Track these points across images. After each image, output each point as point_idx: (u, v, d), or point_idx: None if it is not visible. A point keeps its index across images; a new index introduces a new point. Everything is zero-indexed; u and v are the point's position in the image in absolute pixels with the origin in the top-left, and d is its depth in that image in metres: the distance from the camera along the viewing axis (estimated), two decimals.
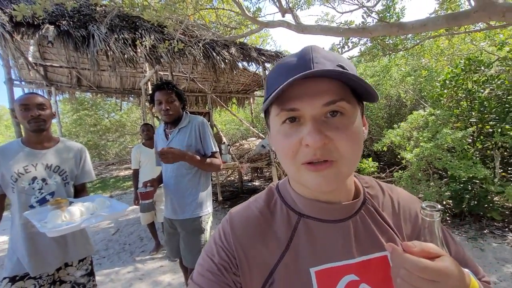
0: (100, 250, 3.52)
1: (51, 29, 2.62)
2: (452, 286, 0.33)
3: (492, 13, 1.78)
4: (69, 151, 1.42)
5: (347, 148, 0.39)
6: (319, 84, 0.39)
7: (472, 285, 0.37)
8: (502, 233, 3.07)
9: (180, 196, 1.61)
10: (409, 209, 0.51)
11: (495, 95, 3.70)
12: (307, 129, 0.38)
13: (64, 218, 1.14)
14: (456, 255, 0.49)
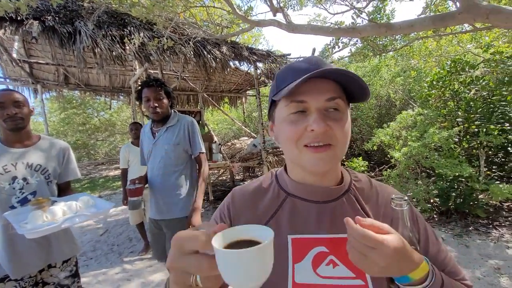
0: (88, 251, 3.45)
1: (35, 24, 2.54)
2: (393, 257, 0.39)
3: (476, 15, 1.82)
4: (51, 149, 1.38)
5: (342, 135, 0.49)
6: (323, 83, 0.49)
7: (422, 266, 0.43)
8: (486, 229, 3.15)
9: (166, 196, 1.59)
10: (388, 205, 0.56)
11: (480, 96, 3.80)
12: (312, 118, 0.47)
13: (45, 219, 1.11)
14: (437, 253, 0.53)
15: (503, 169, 3.79)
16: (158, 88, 1.60)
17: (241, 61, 4.28)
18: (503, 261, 2.48)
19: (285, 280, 0.49)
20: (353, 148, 7.68)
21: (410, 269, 0.42)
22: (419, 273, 0.43)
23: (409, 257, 0.42)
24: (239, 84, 7.34)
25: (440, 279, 0.46)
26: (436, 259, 0.52)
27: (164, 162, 1.59)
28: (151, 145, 1.66)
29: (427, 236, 0.55)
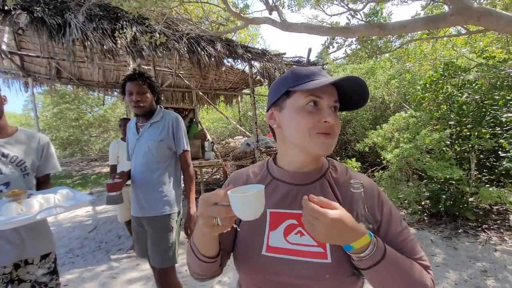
0: (75, 248, 3.39)
1: (23, 15, 2.48)
2: (331, 226, 0.49)
3: (468, 17, 1.82)
4: (29, 140, 1.33)
5: (338, 130, 0.62)
6: (332, 89, 0.62)
7: (364, 238, 0.51)
8: (475, 232, 3.17)
9: (149, 192, 1.55)
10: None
11: (472, 100, 3.83)
12: (327, 112, 0.59)
13: (20, 211, 1.07)
14: (397, 234, 0.61)
15: (493, 172, 3.82)
16: (141, 82, 1.56)
17: (236, 59, 4.25)
18: (490, 263, 2.50)
19: (261, 243, 0.62)
20: (347, 150, 7.70)
21: (352, 239, 0.51)
22: (361, 243, 0.51)
23: (351, 229, 0.51)
24: (235, 83, 7.31)
25: (382, 251, 0.53)
26: (396, 238, 0.60)
27: (147, 158, 1.56)
28: (135, 141, 1.62)
29: (390, 218, 0.62)
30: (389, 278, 0.54)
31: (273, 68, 4.67)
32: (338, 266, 0.57)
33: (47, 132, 11.18)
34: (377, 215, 0.62)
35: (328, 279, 0.56)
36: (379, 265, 0.52)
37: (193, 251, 0.64)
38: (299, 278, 0.58)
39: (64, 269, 2.85)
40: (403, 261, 0.56)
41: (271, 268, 0.60)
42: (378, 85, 7.04)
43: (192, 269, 0.68)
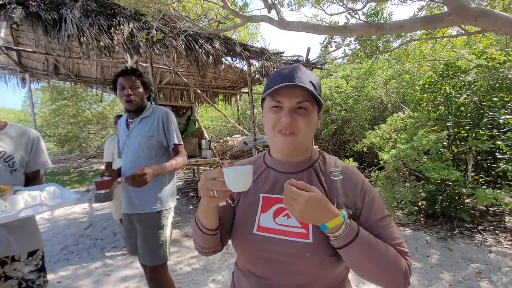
0: (70, 245, 3.38)
1: (18, 9, 2.46)
2: (305, 206, 0.56)
3: (465, 17, 1.81)
4: (19, 136, 1.32)
5: (303, 126, 0.67)
6: (295, 90, 0.66)
7: (337, 219, 0.58)
8: (471, 233, 3.17)
9: (138, 189, 1.54)
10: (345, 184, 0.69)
11: (471, 101, 3.82)
12: (285, 113, 0.66)
13: (4, 208, 1.06)
14: (377, 220, 0.66)
15: (491, 174, 3.81)
16: (134, 77, 1.55)
17: (234, 57, 4.23)
18: (484, 265, 2.49)
19: (253, 223, 0.71)
20: (345, 150, 7.70)
21: (326, 219, 0.58)
22: (334, 223, 0.58)
23: (324, 209, 0.58)
24: (234, 82, 7.29)
25: (355, 231, 0.59)
26: (376, 224, 0.66)
27: (137, 154, 1.54)
28: (125, 137, 1.61)
29: (371, 206, 0.67)
30: (362, 258, 0.60)
31: (272, 67, 4.66)
32: (318, 246, 0.63)
33: (45, 129, 11.15)
34: (358, 202, 0.68)
35: (309, 257, 0.63)
36: (352, 244, 0.58)
37: (197, 224, 0.72)
38: (283, 255, 0.66)
39: (58, 266, 2.84)
40: (377, 244, 0.61)
41: (260, 245, 0.68)
42: (377, 86, 7.02)
43: (196, 243, 0.78)
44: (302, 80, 0.65)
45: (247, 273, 0.73)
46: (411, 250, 2.89)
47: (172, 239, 3.44)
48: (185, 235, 3.61)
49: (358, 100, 7.09)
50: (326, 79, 8.72)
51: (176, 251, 3.13)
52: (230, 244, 2.04)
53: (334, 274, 0.67)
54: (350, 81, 7.79)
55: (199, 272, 2.65)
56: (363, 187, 0.70)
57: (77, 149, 12.90)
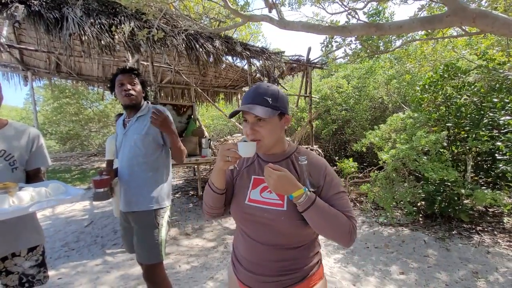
0: (70, 242, 3.41)
1: (20, 8, 2.48)
2: (276, 180, 0.80)
3: (463, 18, 1.81)
4: (19, 134, 1.34)
5: (265, 133, 0.89)
6: (254, 108, 0.87)
7: (299, 190, 0.81)
8: (469, 234, 3.17)
9: (135, 187, 1.54)
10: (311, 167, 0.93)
11: (471, 102, 3.82)
12: (248, 126, 0.89)
13: (12, 203, 1.08)
14: (333, 195, 0.89)
15: (490, 175, 3.81)
16: (133, 75, 1.58)
17: (235, 56, 4.24)
18: (481, 265, 2.50)
19: (245, 196, 0.96)
20: (346, 150, 7.70)
21: (292, 190, 0.81)
22: (297, 193, 0.81)
23: (291, 183, 0.81)
24: (234, 81, 7.30)
25: (312, 200, 0.82)
26: (332, 197, 0.88)
27: (133, 152, 1.55)
28: (122, 136, 1.62)
29: (330, 185, 0.90)
30: (318, 218, 0.83)
31: (273, 66, 4.67)
32: (290, 212, 0.87)
33: (47, 126, 11.19)
34: (320, 181, 0.90)
35: (283, 220, 0.87)
36: (310, 209, 0.82)
37: (209, 186, 0.95)
38: (266, 219, 0.89)
39: (59, 262, 2.87)
40: (329, 209, 0.84)
41: (249, 211, 0.93)
42: (377, 85, 7.01)
43: (206, 203, 1.00)
44: (259, 100, 0.88)
45: (242, 232, 0.98)
46: (408, 250, 2.91)
47: (171, 238, 3.47)
48: (184, 233, 3.63)
49: (359, 100, 7.08)
50: (327, 79, 8.71)
51: (175, 249, 3.15)
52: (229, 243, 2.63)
53: (304, 234, 0.91)
54: (351, 81, 7.78)
55: (198, 270, 2.67)
56: (325, 171, 0.93)
57: (78, 147, 12.96)
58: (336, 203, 0.87)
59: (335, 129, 7.11)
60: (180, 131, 5.15)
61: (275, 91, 0.91)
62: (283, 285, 0.90)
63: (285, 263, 0.90)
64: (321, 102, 7.52)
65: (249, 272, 0.93)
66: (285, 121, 0.95)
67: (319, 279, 0.96)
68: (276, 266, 0.90)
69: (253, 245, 0.93)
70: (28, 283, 1.34)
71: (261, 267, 0.91)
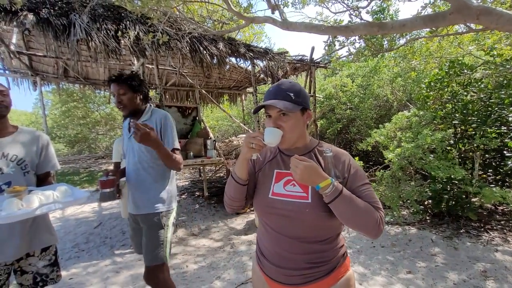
0: (80, 243, 3.49)
1: (29, 16, 2.55)
2: (303, 170, 0.82)
3: (467, 16, 1.80)
4: (29, 139, 1.39)
5: (288, 128, 0.91)
6: (277, 102, 0.89)
7: (326, 181, 0.82)
8: (477, 233, 3.14)
9: (142, 190, 1.57)
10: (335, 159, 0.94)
11: (478, 98, 3.76)
12: (271, 120, 0.93)
13: (21, 206, 1.12)
14: (359, 186, 0.90)
15: (499, 172, 3.76)
16: (120, 82, 1.56)
17: (238, 58, 4.27)
18: (490, 264, 2.48)
19: (269, 190, 0.96)
20: (351, 148, 7.66)
21: (319, 181, 0.82)
22: (324, 183, 0.82)
23: (317, 174, 0.83)
24: (239, 81, 7.33)
25: (339, 190, 0.82)
26: (358, 188, 0.89)
27: (138, 157, 1.59)
28: (127, 139, 1.66)
29: (355, 176, 0.91)
30: (344, 209, 0.83)
31: (276, 67, 4.68)
32: (315, 204, 0.88)
33: (56, 130, 11.41)
34: (345, 173, 0.92)
35: (308, 212, 0.88)
36: (337, 199, 0.82)
37: (232, 176, 0.98)
38: (290, 211, 0.90)
39: (70, 263, 2.94)
40: (356, 200, 0.84)
41: (273, 205, 0.94)
42: (382, 84, 6.95)
43: (227, 195, 1.02)
44: (282, 95, 0.91)
45: (266, 226, 0.98)
46: (416, 249, 2.89)
47: (178, 238, 3.52)
48: (191, 234, 3.67)
49: (364, 99, 7.04)
50: (331, 78, 8.67)
51: (182, 249, 3.19)
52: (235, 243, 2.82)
53: (330, 227, 0.91)
54: (356, 79, 7.74)
55: (205, 270, 2.71)
56: (349, 163, 0.94)
57: (86, 150, 13.17)
58: (363, 194, 0.88)
59: (340, 128, 7.08)
60: (185, 132, 5.21)
61: (297, 87, 0.94)
62: (310, 278, 0.90)
63: (311, 255, 0.90)
64: (325, 101, 7.49)
65: (275, 265, 0.93)
66: (307, 116, 0.97)
67: (345, 271, 0.95)
68: (302, 259, 0.90)
69: (278, 238, 0.94)
70: (42, 282, 1.39)
71: (287, 260, 0.91)
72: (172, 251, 3.17)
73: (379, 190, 3.63)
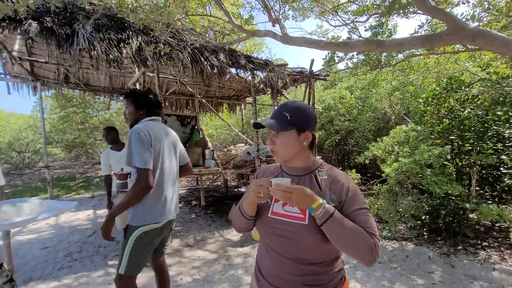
0: (73, 252, 3.43)
1: (33, 25, 2.58)
2: (298, 195, 0.82)
3: (463, 37, 1.84)
4: None
5: (280, 146, 0.97)
6: (266, 121, 0.98)
7: (317, 202, 0.83)
8: (474, 250, 3.12)
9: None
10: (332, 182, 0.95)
11: (475, 115, 3.81)
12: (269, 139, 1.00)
13: None
14: (355, 210, 0.89)
15: (495, 189, 3.77)
16: (126, 97, 1.80)
17: (238, 69, 4.32)
18: (487, 283, 2.45)
19: (268, 209, 0.98)
20: (349, 160, 7.67)
21: (311, 202, 0.83)
22: (316, 204, 0.82)
23: (309, 197, 0.83)
24: (238, 91, 7.39)
25: (330, 213, 0.83)
26: (354, 213, 0.88)
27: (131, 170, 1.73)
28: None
29: (352, 201, 0.90)
30: (336, 232, 0.82)
31: (276, 78, 4.73)
32: (311, 226, 0.88)
33: (54, 134, 11.37)
34: (343, 196, 0.91)
35: (305, 234, 0.88)
36: (328, 221, 0.82)
37: (242, 213, 1.00)
38: (288, 232, 0.91)
39: (62, 273, 2.88)
40: (349, 224, 0.83)
41: (272, 224, 0.95)
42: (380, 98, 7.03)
43: (238, 225, 1.05)
44: (278, 115, 0.97)
45: (265, 245, 1.00)
46: (413, 265, 2.86)
47: (173, 249, 3.46)
48: (186, 244, 3.62)
49: (362, 111, 7.10)
50: (331, 90, 8.77)
51: (177, 261, 3.14)
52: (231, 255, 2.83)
53: (326, 250, 0.90)
54: (355, 91, 7.83)
55: (199, 283, 2.66)
56: (348, 186, 0.93)
57: (83, 155, 13.10)
58: (358, 219, 0.86)
59: (338, 140, 7.11)
60: (184, 141, 5.21)
61: (297, 108, 0.97)
62: None
63: (308, 277, 0.90)
64: (324, 113, 7.55)
65: (272, 286, 0.95)
66: (305, 137, 0.97)
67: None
68: (299, 281, 0.90)
69: (276, 258, 0.95)
70: None
71: (284, 281, 0.92)
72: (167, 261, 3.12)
73: (377, 204, 3.62)
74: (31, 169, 11.24)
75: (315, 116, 1.00)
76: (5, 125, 12.33)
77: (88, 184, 8.20)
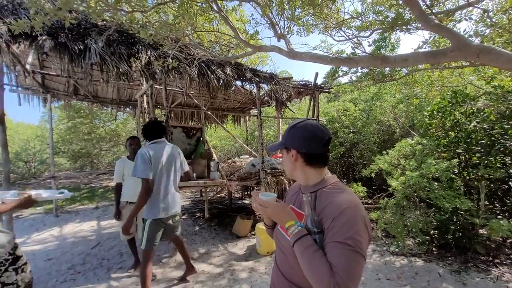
0: (77, 264, 3.40)
1: (48, 40, 2.68)
2: (273, 211, 0.91)
3: (467, 53, 1.87)
4: None
5: (285, 167, 1.03)
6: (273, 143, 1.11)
7: (291, 222, 0.86)
8: (486, 267, 3.03)
9: None
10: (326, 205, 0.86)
11: (481, 128, 3.79)
12: None
13: None
14: (329, 242, 0.77)
15: (505, 203, 3.69)
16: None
17: (244, 82, 4.39)
18: None
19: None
20: (354, 172, 7.61)
21: (285, 220, 0.87)
22: (289, 223, 0.86)
23: (284, 215, 0.89)
24: (243, 103, 7.47)
25: (300, 235, 0.81)
26: (330, 244, 0.76)
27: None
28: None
29: (336, 229, 0.77)
30: (300, 257, 0.79)
31: (281, 91, 4.79)
32: None
33: (60, 145, 11.52)
34: (327, 222, 0.80)
35: (290, 252, 0.87)
36: (296, 244, 0.81)
37: (265, 225, 1.14)
38: (283, 247, 0.95)
39: (65, 286, 2.86)
40: (314, 252, 0.76)
41: (277, 236, 1.01)
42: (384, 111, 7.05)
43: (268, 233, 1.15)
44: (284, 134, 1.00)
45: (274, 256, 1.07)
46: (423, 283, 2.78)
47: (177, 262, 3.42)
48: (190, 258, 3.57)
49: (367, 123, 7.11)
50: (334, 102, 8.83)
51: (181, 274, 3.10)
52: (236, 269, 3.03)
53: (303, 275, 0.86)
54: (358, 104, 7.86)
55: None
56: (339, 213, 0.79)
57: (88, 165, 13.21)
58: (329, 252, 0.75)
59: (342, 152, 7.09)
60: (189, 153, 5.24)
61: (292, 126, 0.97)
62: None
63: None
64: (328, 125, 7.57)
65: None
66: (293, 155, 0.94)
67: None
68: None
69: (276, 271, 1.01)
70: None
71: None
72: (171, 275, 3.08)
73: (384, 218, 3.56)
74: (36, 179, 11.33)
75: (312, 135, 0.91)
76: (14, 135, 12.56)
77: (92, 194, 8.22)
